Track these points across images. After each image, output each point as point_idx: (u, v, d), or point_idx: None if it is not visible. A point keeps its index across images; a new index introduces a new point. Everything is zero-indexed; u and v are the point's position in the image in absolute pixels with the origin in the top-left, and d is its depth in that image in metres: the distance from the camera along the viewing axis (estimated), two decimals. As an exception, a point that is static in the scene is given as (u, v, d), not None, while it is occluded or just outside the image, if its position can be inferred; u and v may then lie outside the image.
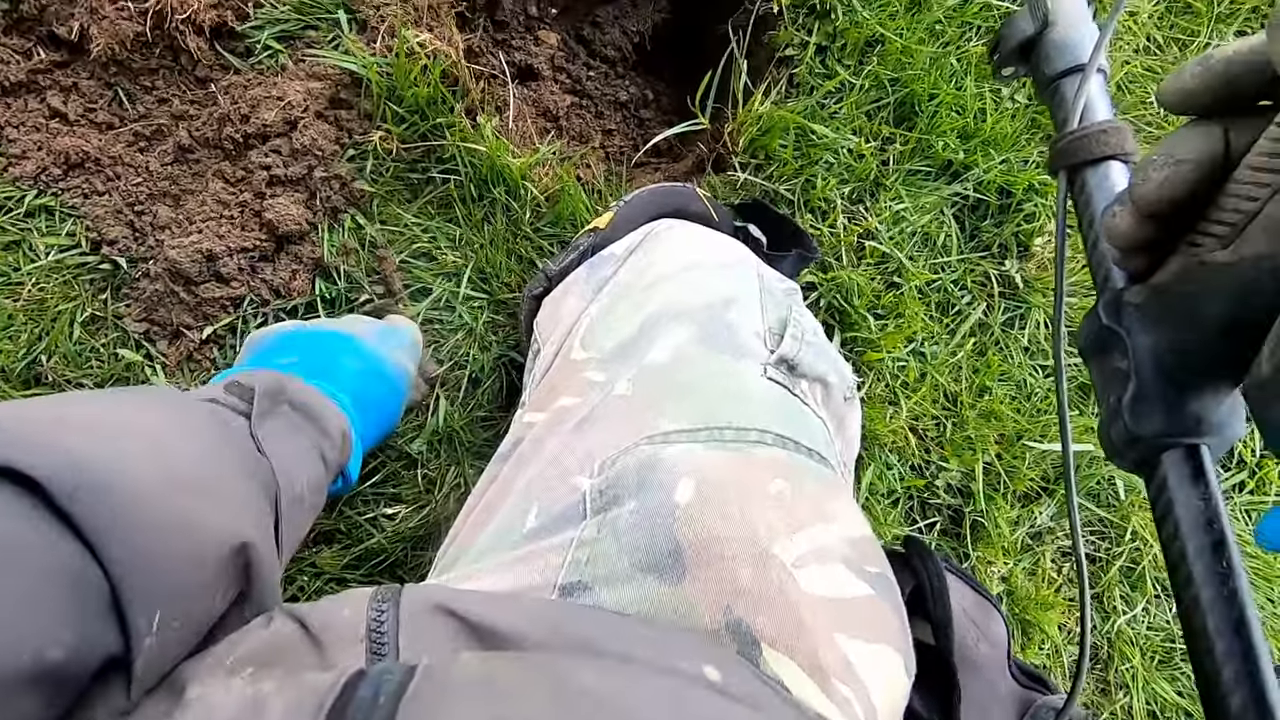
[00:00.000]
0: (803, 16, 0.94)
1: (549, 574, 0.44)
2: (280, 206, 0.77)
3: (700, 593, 0.41)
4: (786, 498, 0.45)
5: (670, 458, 0.45)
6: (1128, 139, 0.50)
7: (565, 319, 0.61)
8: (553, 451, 0.51)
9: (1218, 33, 1.11)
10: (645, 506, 0.44)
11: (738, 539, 0.42)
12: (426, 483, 0.85)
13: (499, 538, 0.49)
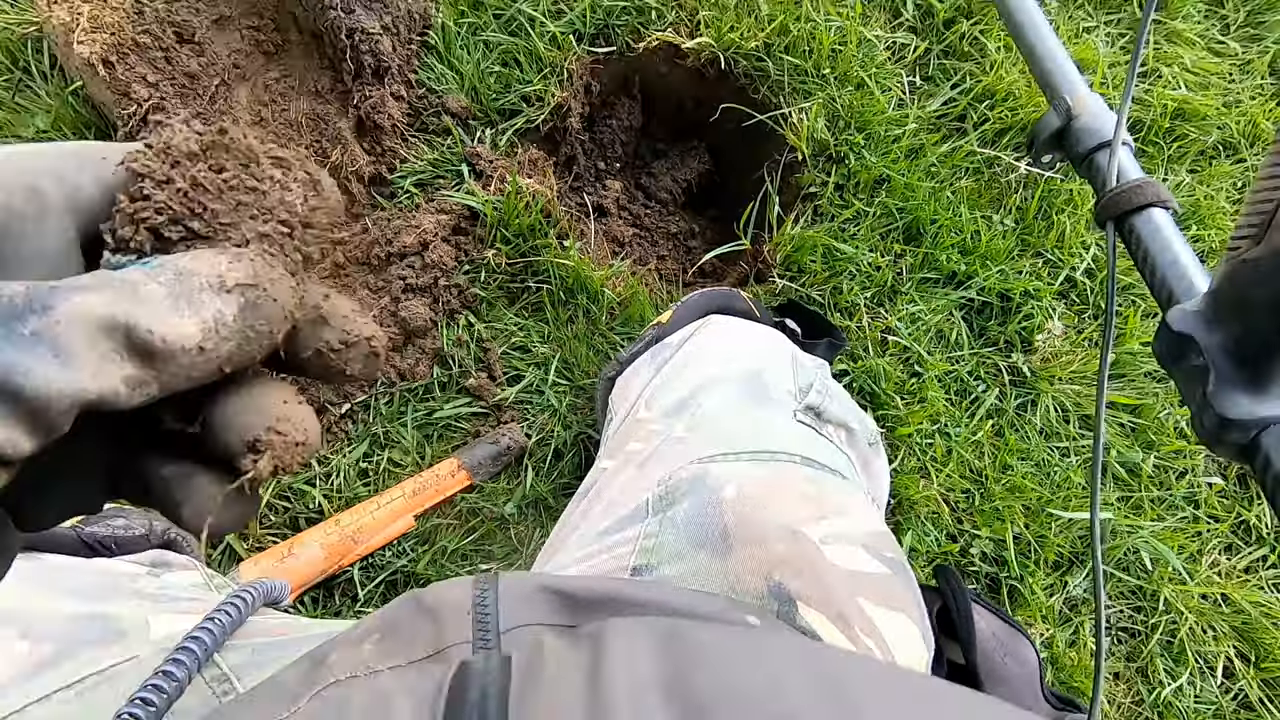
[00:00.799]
0: (822, 162, 1.17)
1: (621, 560, 0.51)
2: (412, 307, 0.96)
3: (744, 563, 0.48)
4: (812, 495, 0.53)
5: (717, 470, 0.54)
6: (1162, 190, 0.64)
7: (632, 393, 0.74)
8: (622, 483, 0.60)
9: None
10: (697, 502, 0.52)
11: (773, 522, 0.49)
12: (517, 541, 0.97)
13: (575, 544, 0.57)
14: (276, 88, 1.00)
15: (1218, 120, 1.31)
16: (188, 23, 0.94)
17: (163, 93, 0.91)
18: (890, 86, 1.22)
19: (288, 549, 0.89)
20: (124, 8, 0.88)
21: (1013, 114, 1.23)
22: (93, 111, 0.95)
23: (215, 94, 0.95)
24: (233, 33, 0.98)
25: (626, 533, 0.53)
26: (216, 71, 0.96)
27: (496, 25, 1.13)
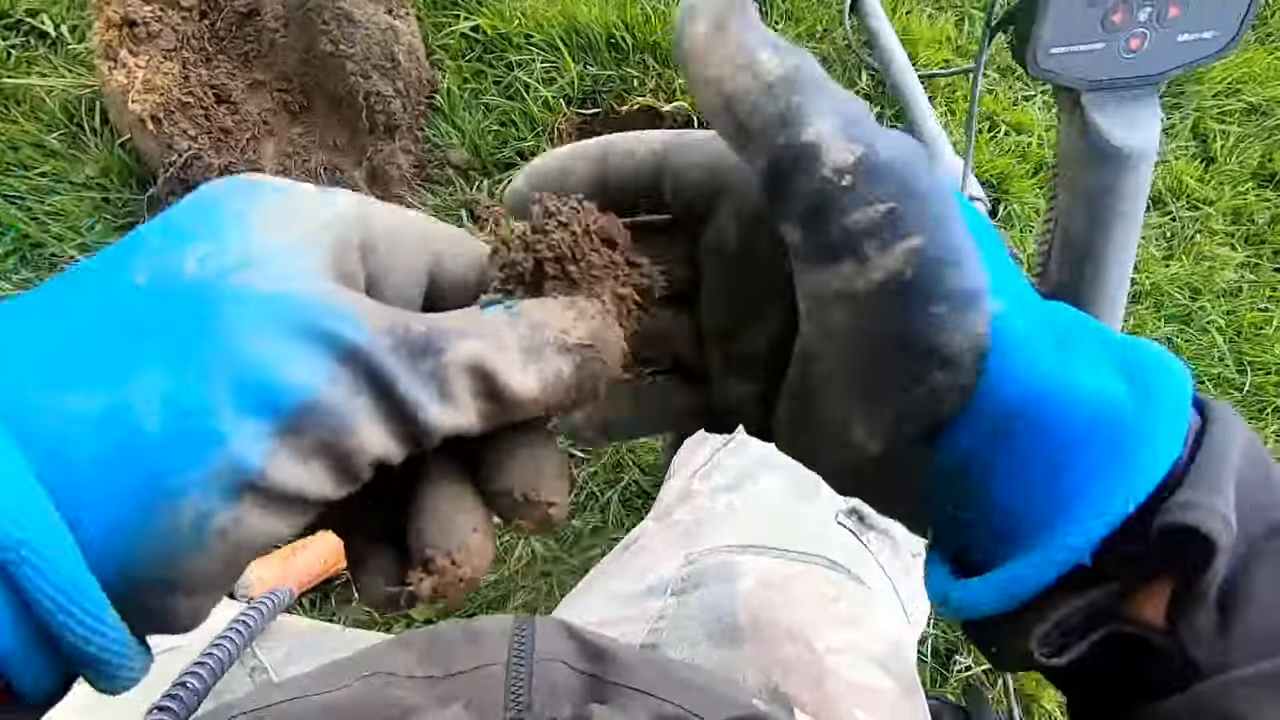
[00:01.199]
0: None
1: (633, 637, 0.52)
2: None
3: (750, 660, 0.48)
4: (829, 600, 0.53)
5: (743, 561, 0.55)
6: (1006, 242, 0.75)
7: (697, 459, 0.72)
8: (656, 549, 0.61)
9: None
10: (715, 592, 0.52)
11: (784, 622, 0.50)
12: (502, 550, 1.04)
13: (599, 596, 0.59)
14: (299, 142, 1.13)
15: (1146, 177, 1.45)
16: (225, 85, 1.08)
17: (200, 145, 1.04)
18: (848, 145, 1.36)
19: (292, 549, 0.96)
20: (173, 73, 1.01)
21: (958, 170, 1.37)
22: (137, 162, 1.08)
23: (246, 146, 1.08)
24: (264, 95, 1.11)
25: (645, 606, 0.55)
26: (248, 127, 1.09)
27: (496, 90, 1.28)
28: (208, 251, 0.17)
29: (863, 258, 0.19)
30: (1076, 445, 0.20)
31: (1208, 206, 1.45)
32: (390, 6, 1.16)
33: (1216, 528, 0.19)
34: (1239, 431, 0.22)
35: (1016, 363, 0.20)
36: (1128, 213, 0.38)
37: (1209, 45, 0.34)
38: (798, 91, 0.19)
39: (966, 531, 0.22)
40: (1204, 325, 1.36)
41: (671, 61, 1.36)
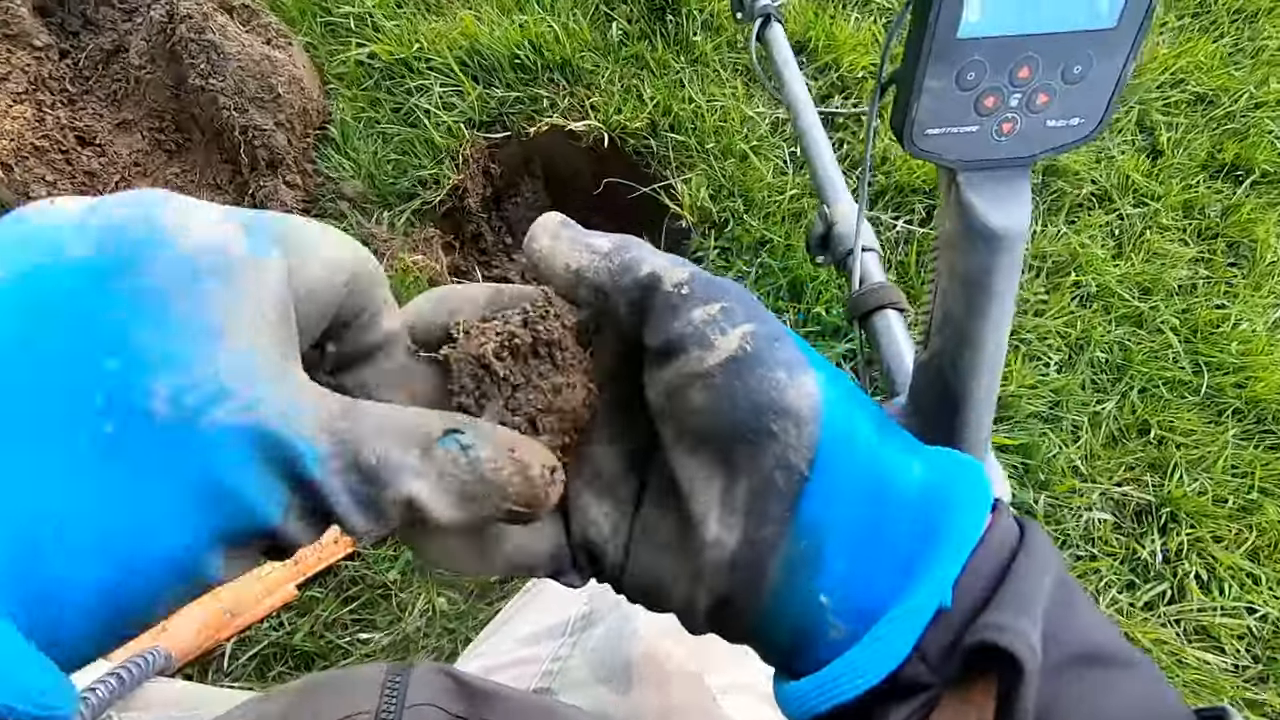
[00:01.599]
0: (706, 229, 1.24)
1: (526, 681, 0.52)
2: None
3: (641, 704, 0.47)
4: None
5: None
6: (894, 293, 0.70)
7: None
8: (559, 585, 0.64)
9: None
10: (610, 629, 0.52)
11: (676, 660, 0.49)
12: (399, 608, 0.97)
13: (500, 640, 0.58)
14: (177, 182, 1.07)
15: (1089, 175, 1.39)
16: (90, 128, 1.02)
17: (60, 191, 0.98)
18: (771, 157, 1.30)
19: (161, 625, 0.89)
20: (24, 116, 0.95)
21: (887, 177, 1.31)
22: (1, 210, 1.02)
23: (115, 189, 1.02)
24: (134, 134, 1.06)
25: (540, 648, 0.54)
26: (116, 169, 1.03)
27: (394, 118, 1.22)
28: (175, 388, 0.18)
29: (707, 344, 0.23)
30: (896, 513, 0.24)
31: (1156, 202, 1.39)
32: (269, 36, 1.10)
33: (1024, 653, 0.21)
34: (1050, 556, 0.24)
35: (844, 425, 0.24)
36: (1002, 291, 0.39)
37: (1076, 131, 0.36)
38: (628, 249, 0.25)
39: (804, 651, 0.24)
40: (1157, 326, 1.29)
41: (584, 80, 1.31)
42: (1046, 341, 1.24)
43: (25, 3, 0.97)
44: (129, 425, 0.18)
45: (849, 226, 0.78)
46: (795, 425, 0.23)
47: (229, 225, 0.20)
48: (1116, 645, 0.24)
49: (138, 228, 0.19)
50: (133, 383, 0.18)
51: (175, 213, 0.20)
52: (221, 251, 0.19)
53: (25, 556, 0.17)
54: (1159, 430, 1.20)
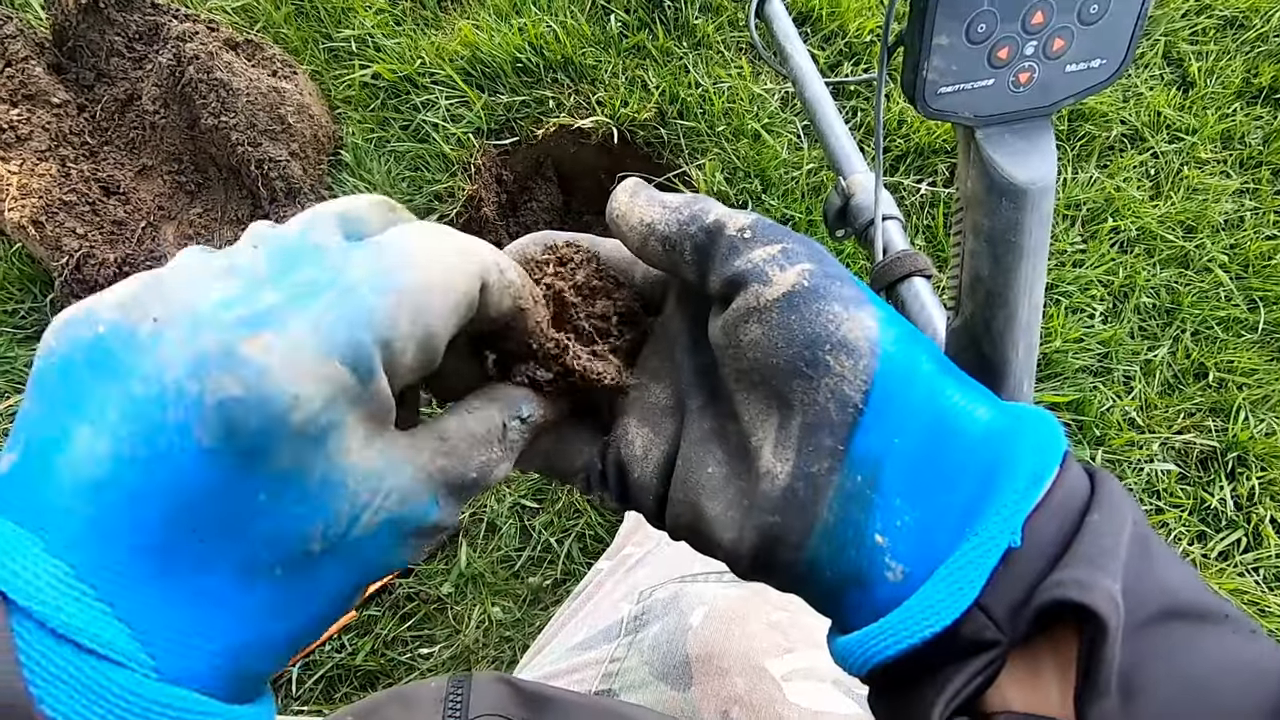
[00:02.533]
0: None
1: (585, 685, 0.52)
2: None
3: (703, 698, 0.47)
4: (783, 624, 0.51)
5: (693, 591, 0.54)
6: (920, 260, 0.68)
7: None
8: (608, 589, 0.61)
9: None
10: (665, 628, 0.51)
11: (735, 653, 0.48)
12: (455, 621, 0.97)
13: (554, 650, 0.58)
14: (200, 222, 1.09)
15: (1118, 115, 1.33)
16: (112, 177, 1.04)
17: (91, 241, 1.00)
18: (784, 134, 1.27)
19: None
20: (50, 173, 0.98)
21: (905, 140, 1.27)
22: (36, 267, 1.05)
23: (142, 235, 1.04)
24: (155, 179, 1.08)
25: (596, 652, 0.54)
26: (142, 215, 1.05)
27: (403, 135, 1.23)
28: (325, 525, 0.21)
29: (766, 279, 0.25)
30: (960, 455, 0.23)
31: (1191, 136, 1.33)
32: (274, 68, 1.11)
33: (1107, 609, 0.20)
34: (1125, 507, 0.23)
35: (903, 363, 0.24)
36: (1032, 248, 0.38)
37: (1099, 73, 0.34)
38: (696, 203, 0.27)
39: (853, 593, 0.24)
40: (1205, 265, 1.23)
41: (587, 76, 1.30)
42: (1089, 292, 1.20)
43: (40, 62, 1.00)
44: (296, 566, 0.21)
45: (867, 197, 0.76)
46: (850, 357, 0.23)
47: (330, 370, 0.19)
48: (1204, 598, 0.22)
49: (250, 420, 0.18)
50: (287, 539, 0.20)
51: (283, 383, 0.19)
52: (328, 408, 0.20)
53: (231, 666, 0.20)
54: (1217, 373, 1.15)
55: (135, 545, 0.19)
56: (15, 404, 1.01)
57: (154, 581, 0.19)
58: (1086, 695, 0.20)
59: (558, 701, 0.42)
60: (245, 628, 0.20)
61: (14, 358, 1.02)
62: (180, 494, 0.19)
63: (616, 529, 0.97)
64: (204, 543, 0.19)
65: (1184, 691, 0.20)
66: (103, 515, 0.18)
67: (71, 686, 0.18)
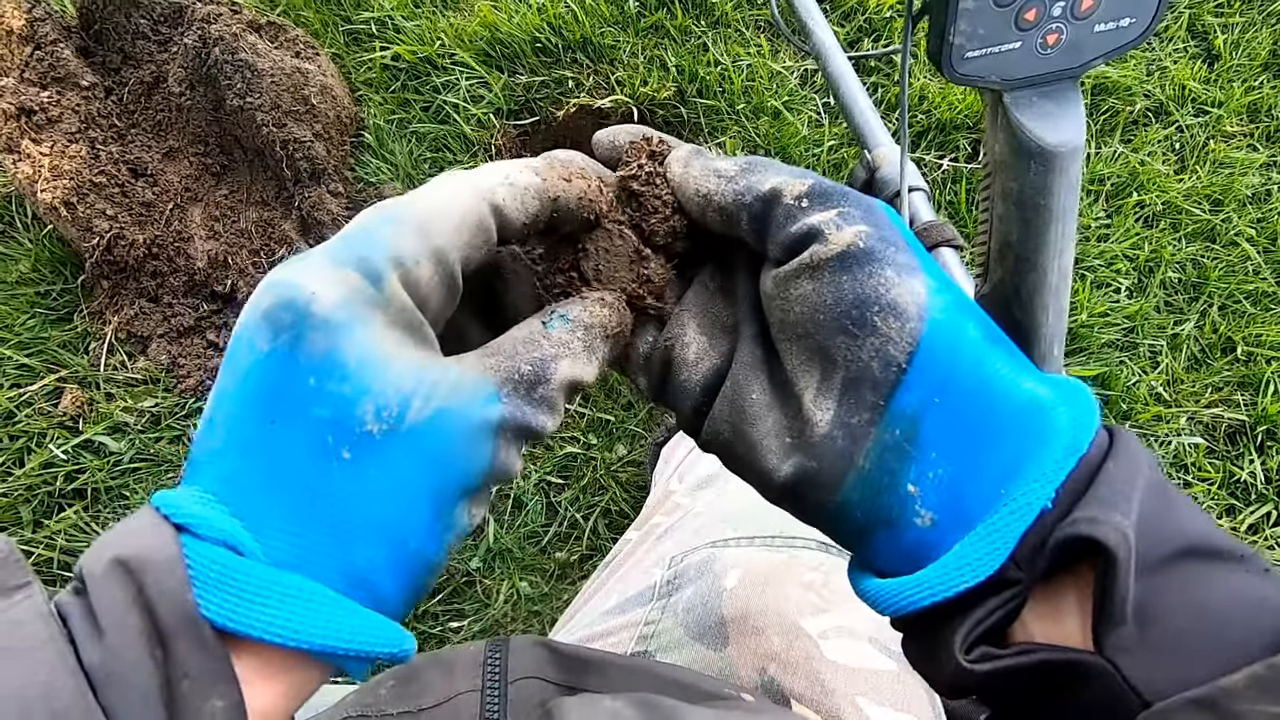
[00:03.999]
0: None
1: (621, 647, 0.52)
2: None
3: (739, 656, 0.47)
4: (817, 584, 0.51)
5: (725, 556, 0.54)
6: (948, 230, 0.68)
7: (672, 463, 0.75)
8: (638, 557, 0.61)
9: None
10: (699, 591, 0.52)
11: (771, 613, 0.48)
12: (484, 595, 0.98)
13: (586, 615, 0.59)
14: (226, 203, 1.10)
15: (1142, 89, 1.32)
16: (140, 159, 1.05)
17: (121, 223, 1.01)
18: (804, 111, 1.27)
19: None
20: (80, 155, 0.99)
21: (927, 116, 1.26)
22: (67, 249, 1.06)
23: (170, 217, 1.05)
24: (182, 161, 1.09)
25: (630, 615, 0.54)
26: (170, 197, 1.06)
27: (424, 116, 1.23)
28: (375, 408, 0.23)
29: (823, 240, 0.25)
30: (1001, 420, 0.24)
31: (1217, 109, 1.31)
32: (298, 50, 1.12)
33: (1115, 540, 0.21)
34: (1140, 457, 0.24)
35: (950, 329, 0.24)
36: (1061, 212, 0.38)
37: (1127, 33, 0.34)
38: (752, 171, 0.28)
39: (881, 534, 0.25)
40: (1231, 239, 1.22)
41: (606, 56, 1.30)
42: (1114, 267, 1.19)
43: (68, 45, 1.01)
44: (361, 448, 0.23)
45: (892, 169, 0.75)
46: (898, 320, 0.24)
47: (342, 275, 0.23)
48: (1221, 539, 0.23)
49: (285, 314, 0.23)
50: (343, 419, 0.22)
51: (301, 283, 0.23)
52: (348, 304, 0.23)
53: (338, 554, 0.23)
54: (1245, 346, 1.14)
55: (238, 449, 0.23)
56: (50, 384, 1.02)
57: (253, 476, 0.22)
58: (1103, 624, 0.22)
59: (596, 663, 0.42)
60: (336, 511, 0.22)
61: (47, 338, 1.03)
62: (254, 394, 0.23)
63: (641, 504, 0.98)
64: (276, 426, 0.22)
65: (1196, 621, 0.21)
66: (216, 440, 0.23)
67: (209, 574, 0.21)
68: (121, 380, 1.03)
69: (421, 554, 0.24)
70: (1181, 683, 0.21)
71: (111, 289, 1.04)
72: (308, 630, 0.22)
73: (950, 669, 0.24)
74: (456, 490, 0.24)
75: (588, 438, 1.07)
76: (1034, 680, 0.23)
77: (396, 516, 0.23)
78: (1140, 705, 0.21)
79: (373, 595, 0.23)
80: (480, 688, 0.39)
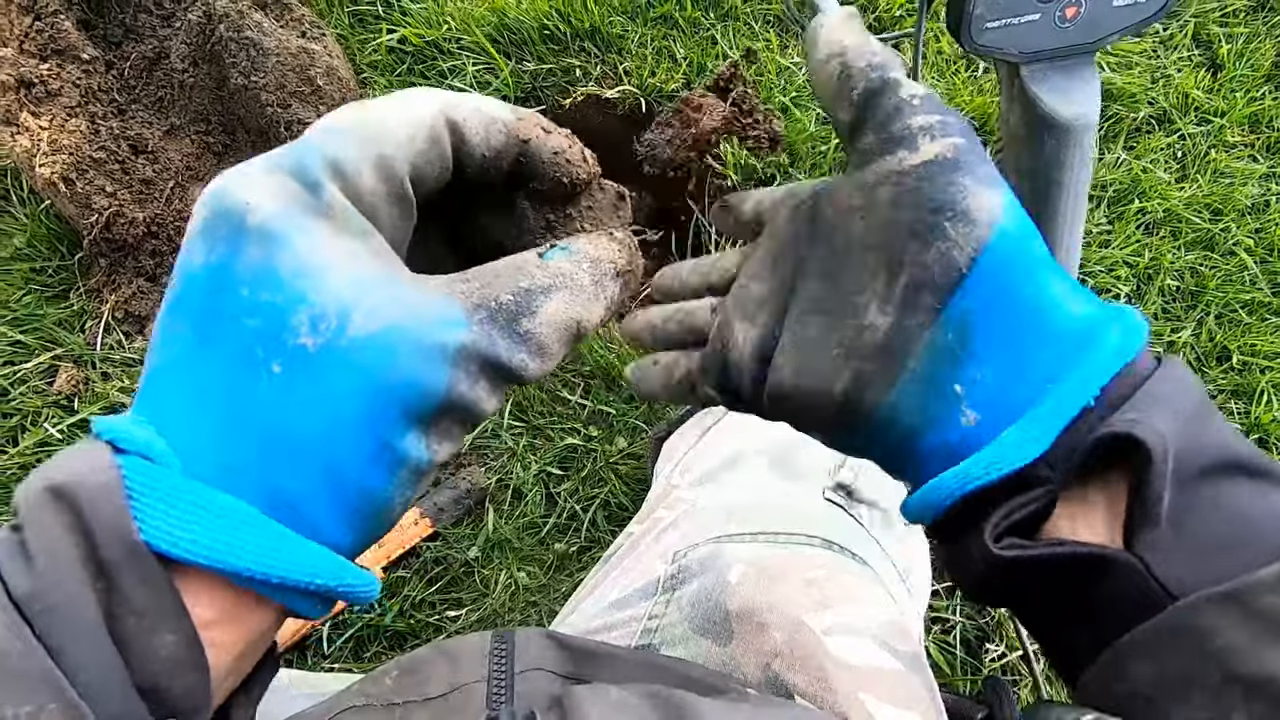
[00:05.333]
0: (752, 186, 1.21)
1: (624, 640, 0.52)
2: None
3: (744, 651, 0.47)
4: (821, 581, 0.51)
5: (729, 551, 0.54)
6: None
7: (674, 457, 0.75)
8: (640, 551, 0.60)
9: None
10: (704, 585, 0.51)
11: (775, 609, 0.48)
12: (483, 585, 0.98)
13: (588, 608, 0.58)
14: (227, 183, 1.08)
15: (1146, 96, 1.33)
16: (141, 135, 1.03)
17: (120, 200, 0.99)
18: (812, 107, 1.27)
19: (258, 613, 0.91)
20: (80, 129, 0.97)
21: (934, 116, 1.26)
22: (64, 225, 1.05)
23: (171, 195, 1.04)
24: (183, 139, 1.07)
25: (634, 609, 0.54)
26: (170, 175, 1.04)
27: (430, 102, 1.21)
28: (310, 318, 0.21)
29: (916, 146, 0.26)
30: (1051, 334, 0.25)
31: (1219, 119, 1.32)
32: (304, 29, 1.10)
33: (1151, 438, 0.22)
34: (1186, 378, 0.25)
35: (1014, 243, 0.25)
36: (1075, 185, 0.38)
37: (1145, 9, 0.34)
38: (889, 55, 0.28)
39: (928, 436, 0.26)
40: (1230, 248, 1.23)
41: (615, 45, 1.29)
42: (1114, 273, 1.20)
43: (69, 16, 0.99)
44: (292, 362, 0.21)
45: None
46: (967, 225, 0.25)
47: (280, 181, 0.22)
48: (1261, 458, 0.24)
49: (221, 226, 0.22)
50: (275, 330, 0.21)
51: (237, 193, 0.22)
52: (286, 213, 0.21)
53: (264, 476, 0.21)
54: (1241, 355, 1.15)
55: (170, 368, 0.22)
56: (45, 362, 1.01)
57: (182, 395, 0.21)
58: (1136, 523, 0.22)
59: (602, 655, 0.42)
60: (263, 430, 0.21)
61: (43, 315, 1.02)
62: (189, 310, 0.22)
63: (641, 498, 0.98)
64: (209, 342, 0.21)
65: (1230, 526, 0.22)
66: (154, 362, 0.22)
67: (139, 490, 0.20)
68: (118, 360, 1.02)
69: (362, 485, 0.22)
70: (1211, 581, 0.21)
71: (109, 267, 1.03)
72: (236, 551, 0.20)
73: (980, 558, 0.24)
74: (402, 416, 0.22)
75: (588, 430, 1.07)
76: (1060, 577, 0.24)
77: (331, 439, 0.21)
78: (1168, 600, 0.22)
79: (307, 525, 0.21)
80: (486, 678, 0.39)
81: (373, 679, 0.40)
